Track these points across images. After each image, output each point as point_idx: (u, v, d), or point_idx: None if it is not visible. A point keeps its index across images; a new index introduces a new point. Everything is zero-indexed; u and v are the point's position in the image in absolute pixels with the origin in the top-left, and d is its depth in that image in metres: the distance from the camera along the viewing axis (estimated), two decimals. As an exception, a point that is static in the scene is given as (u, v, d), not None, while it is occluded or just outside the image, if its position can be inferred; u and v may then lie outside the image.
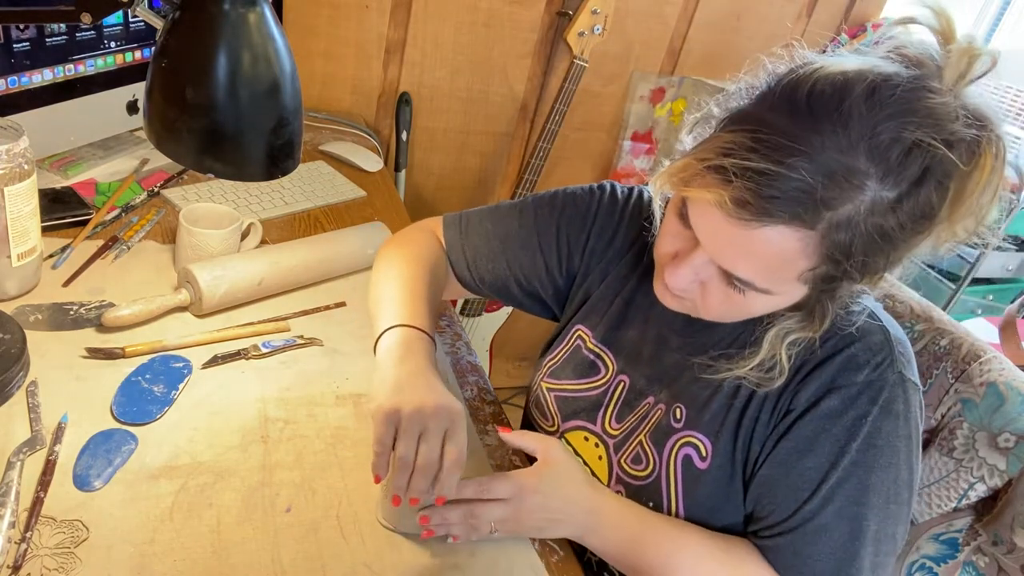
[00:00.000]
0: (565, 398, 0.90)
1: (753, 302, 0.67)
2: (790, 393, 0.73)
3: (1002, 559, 0.82)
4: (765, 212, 0.59)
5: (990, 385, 0.83)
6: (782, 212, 0.59)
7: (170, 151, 0.68)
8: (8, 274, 0.89)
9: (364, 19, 1.65)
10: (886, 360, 0.71)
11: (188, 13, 0.64)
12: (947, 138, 0.58)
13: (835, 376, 0.71)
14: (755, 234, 0.61)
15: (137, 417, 0.79)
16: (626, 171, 2.09)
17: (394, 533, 0.75)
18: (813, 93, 0.60)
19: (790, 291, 0.66)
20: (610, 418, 0.86)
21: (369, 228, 1.16)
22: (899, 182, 0.58)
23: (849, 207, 0.59)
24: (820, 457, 0.70)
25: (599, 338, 0.89)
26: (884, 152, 0.58)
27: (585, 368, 0.89)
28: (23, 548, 0.64)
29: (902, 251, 0.63)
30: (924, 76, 0.60)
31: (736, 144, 0.60)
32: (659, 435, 0.80)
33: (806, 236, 0.60)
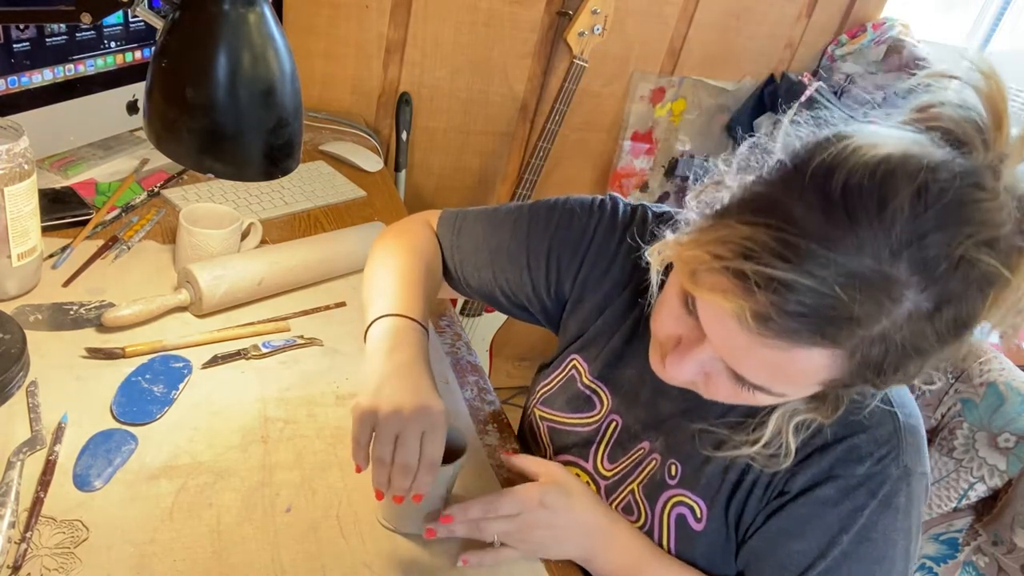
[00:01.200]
0: (557, 430, 0.87)
1: (763, 399, 0.62)
2: (787, 473, 0.69)
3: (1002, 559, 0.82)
4: (791, 331, 0.52)
5: (990, 385, 0.83)
6: (811, 332, 0.52)
7: (170, 151, 0.68)
8: (8, 274, 0.89)
9: (364, 19, 1.65)
10: (891, 453, 0.66)
11: (188, 13, 0.64)
12: (999, 247, 0.52)
13: (835, 464, 0.67)
14: (776, 352, 0.54)
15: (137, 417, 0.79)
16: (626, 171, 2.09)
17: (394, 533, 0.75)
18: (849, 187, 0.51)
19: (806, 392, 0.62)
20: (602, 457, 0.82)
21: (369, 228, 1.16)
22: (941, 293, 0.52)
23: (885, 322, 0.52)
24: (810, 543, 0.67)
25: (595, 373, 0.84)
26: (930, 265, 0.51)
27: (580, 402, 0.85)
28: (23, 548, 0.64)
29: (933, 360, 0.56)
30: (976, 171, 0.52)
31: (758, 245, 0.52)
32: (652, 488, 0.77)
33: (834, 354, 0.54)
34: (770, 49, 2.05)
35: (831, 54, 2.11)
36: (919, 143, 0.53)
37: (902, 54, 2.03)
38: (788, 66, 2.11)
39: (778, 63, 2.09)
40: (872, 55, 2.05)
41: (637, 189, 2.14)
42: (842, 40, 2.10)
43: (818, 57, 2.14)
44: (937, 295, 0.52)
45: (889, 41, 2.04)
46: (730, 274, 0.53)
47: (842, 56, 2.09)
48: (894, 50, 2.04)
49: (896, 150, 0.52)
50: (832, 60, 2.11)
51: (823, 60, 2.13)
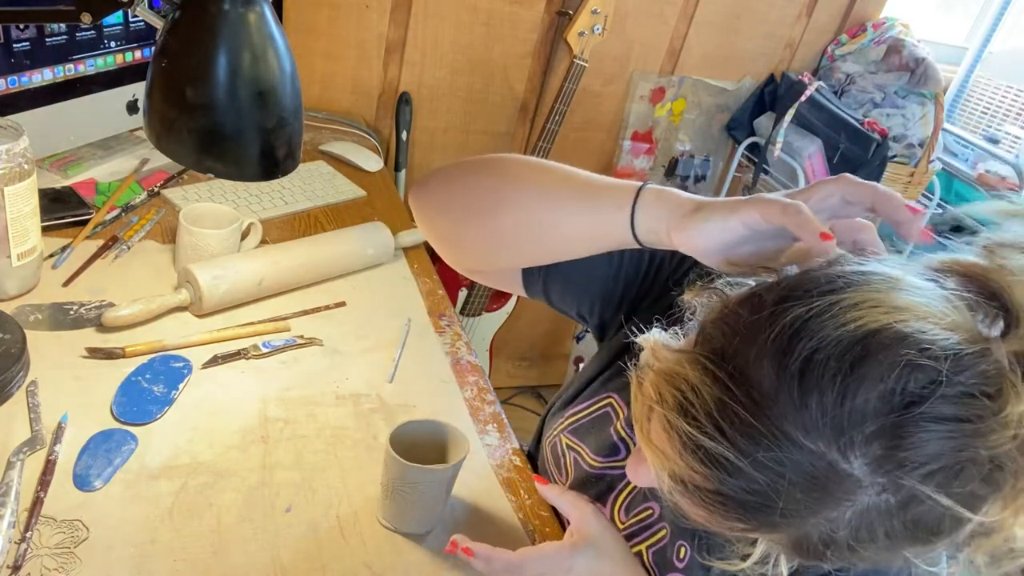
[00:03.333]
0: (581, 466, 0.81)
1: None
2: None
3: (1002, 559, 0.82)
4: (713, 505, 0.47)
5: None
6: (734, 514, 0.46)
7: (170, 151, 0.68)
8: (8, 274, 0.89)
9: (364, 19, 1.65)
10: None
11: (188, 13, 0.64)
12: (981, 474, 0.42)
13: None
14: (702, 513, 0.49)
15: (137, 417, 0.79)
16: (626, 171, 2.09)
17: (394, 533, 0.75)
18: (812, 362, 0.42)
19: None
20: (620, 507, 0.77)
21: (369, 228, 1.16)
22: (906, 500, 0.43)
23: (832, 515, 0.44)
24: None
25: (627, 421, 0.78)
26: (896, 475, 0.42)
27: (607, 448, 0.79)
28: (23, 548, 0.64)
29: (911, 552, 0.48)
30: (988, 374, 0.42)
31: (699, 402, 0.45)
32: (660, 560, 0.72)
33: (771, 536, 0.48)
34: (770, 49, 2.05)
35: (831, 54, 2.11)
36: (932, 316, 0.43)
37: (902, 54, 2.03)
38: (788, 66, 2.11)
39: (778, 63, 2.09)
40: (872, 55, 2.05)
41: (637, 189, 2.14)
42: (842, 40, 2.10)
43: (818, 57, 2.14)
44: (901, 501, 0.43)
45: (889, 41, 2.04)
46: (667, 423, 0.47)
47: (842, 56, 2.09)
48: (894, 50, 2.04)
49: (881, 323, 0.42)
50: (832, 60, 2.11)
51: (823, 60, 2.13)
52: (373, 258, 1.14)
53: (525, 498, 0.83)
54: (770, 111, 2.05)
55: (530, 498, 0.83)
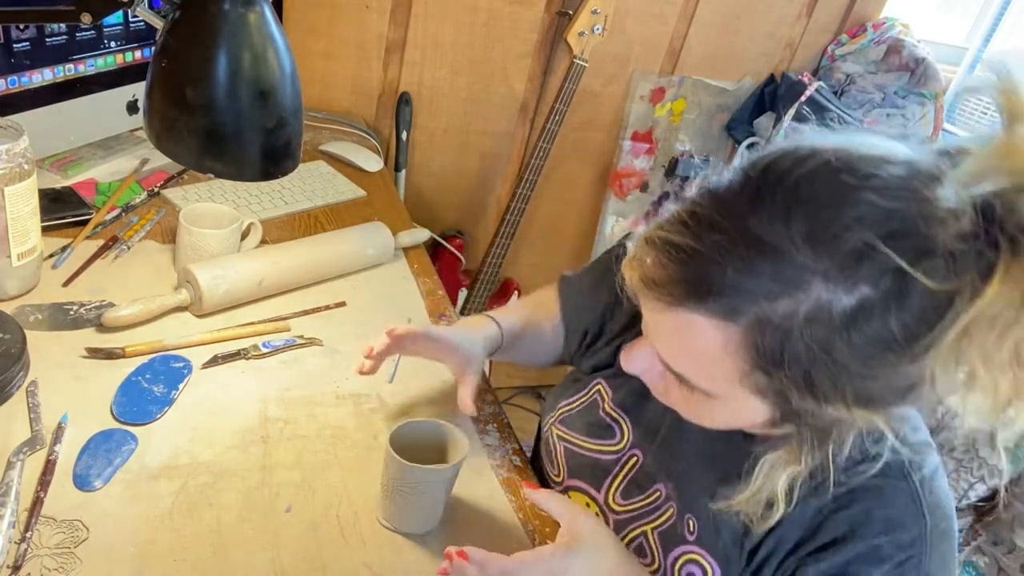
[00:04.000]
0: (574, 452, 0.84)
1: (712, 409, 0.60)
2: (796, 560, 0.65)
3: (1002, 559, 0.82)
4: (674, 295, 0.52)
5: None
6: (692, 297, 0.51)
7: (170, 151, 0.68)
8: (8, 274, 0.89)
9: (364, 19, 1.65)
10: (911, 559, 0.61)
11: (188, 13, 0.64)
12: (920, 244, 0.47)
13: (851, 561, 0.62)
14: (672, 318, 0.54)
15: (137, 417, 0.79)
16: (626, 171, 2.09)
17: (394, 533, 0.75)
18: (769, 168, 0.50)
19: (740, 400, 0.57)
20: (615, 491, 0.80)
21: (369, 228, 1.16)
22: (852, 289, 0.48)
23: (782, 305, 0.49)
24: None
25: (618, 402, 0.83)
26: (830, 247, 0.48)
27: (600, 429, 0.83)
28: (23, 548, 0.64)
29: (869, 382, 0.51)
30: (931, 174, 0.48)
31: (672, 217, 0.54)
32: (668, 539, 0.74)
33: (727, 329, 0.52)
34: (770, 49, 2.05)
35: (831, 54, 2.11)
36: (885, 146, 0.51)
37: (902, 54, 2.03)
38: (788, 66, 2.11)
39: (778, 63, 2.09)
40: (872, 55, 2.05)
41: (637, 189, 2.14)
42: (842, 40, 2.10)
43: (818, 57, 2.14)
44: (848, 291, 0.48)
45: (889, 41, 2.04)
46: (644, 244, 0.55)
47: (842, 56, 2.09)
48: (894, 50, 2.04)
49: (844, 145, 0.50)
50: (832, 60, 2.11)
51: (823, 60, 2.13)
52: (373, 258, 1.14)
53: (525, 498, 0.83)
54: (770, 111, 2.05)
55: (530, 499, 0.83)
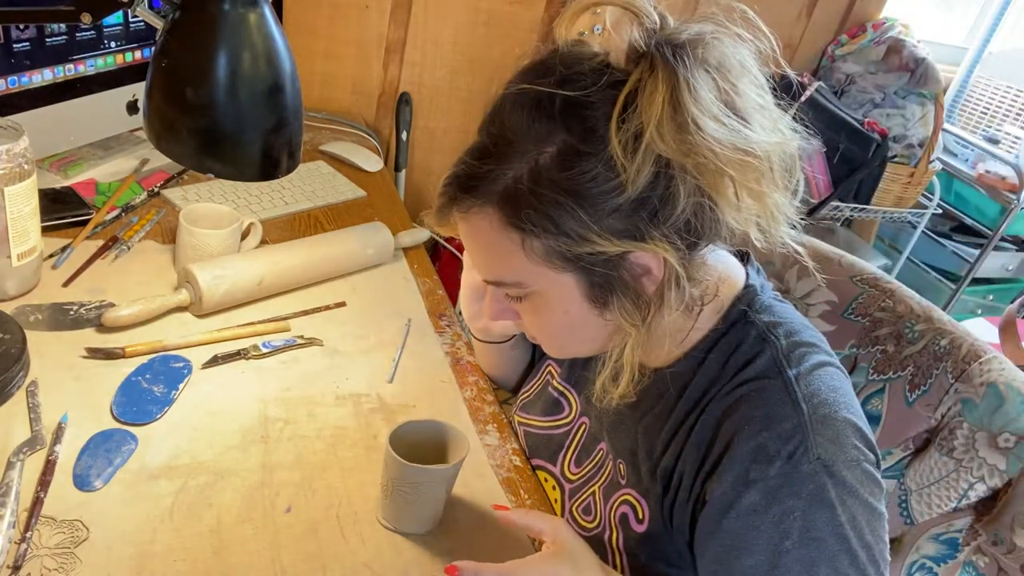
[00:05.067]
0: (532, 434, 0.90)
1: (544, 312, 0.68)
2: (702, 478, 0.68)
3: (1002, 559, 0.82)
4: (452, 202, 0.65)
5: (990, 385, 0.83)
6: (459, 193, 0.64)
7: (170, 151, 0.68)
8: (8, 274, 0.89)
9: (364, 19, 1.65)
10: (799, 448, 0.63)
11: (188, 13, 0.64)
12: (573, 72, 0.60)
13: (748, 468, 0.64)
14: (462, 226, 0.66)
15: (137, 417, 0.79)
16: (626, 171, 2.09)
17: (394, 533, 0.75)
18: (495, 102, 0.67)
19: (547, 280, 0.65)
20: (569, 461, 0.84)
21: (369, 228, 1.16)
22: (543, 142, 0.60)
23: (509, 175, 0.61)
24: (758, 556, 0.63)
25: (564, 376, 0.88)
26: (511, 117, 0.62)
27: (550, 406, 0.88)
28: (23, 548, 0.64)
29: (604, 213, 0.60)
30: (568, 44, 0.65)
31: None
32: (608, 490, 0.79)
33: (487, 213, 0.63)
34: (770, 49, 2.05)
35: (831, 54, 2.11)
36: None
37: (902, 54, 2.03)
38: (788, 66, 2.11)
39: (778, 63, 2.09)
40: (872, 55, 2.05)
41: (637, 189, 2.14)
42: (842, 40, 2.10)
43: (818, 57, 2.13)
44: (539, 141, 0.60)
45: (889, 41, 2.04)
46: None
47: (842, 56, 2.09)
48: (894, 50, 2.04)
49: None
50: (832, 60, 2.11)
51: (823, 60, 2.13)
52: (373, 258, 1.14)
53: (525, 498, 0.83)
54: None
55: (530, 498, 0.83)
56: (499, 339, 0.95)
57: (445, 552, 0.74)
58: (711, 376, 0.70)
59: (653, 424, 0.74)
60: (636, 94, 0.57)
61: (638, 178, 0.58)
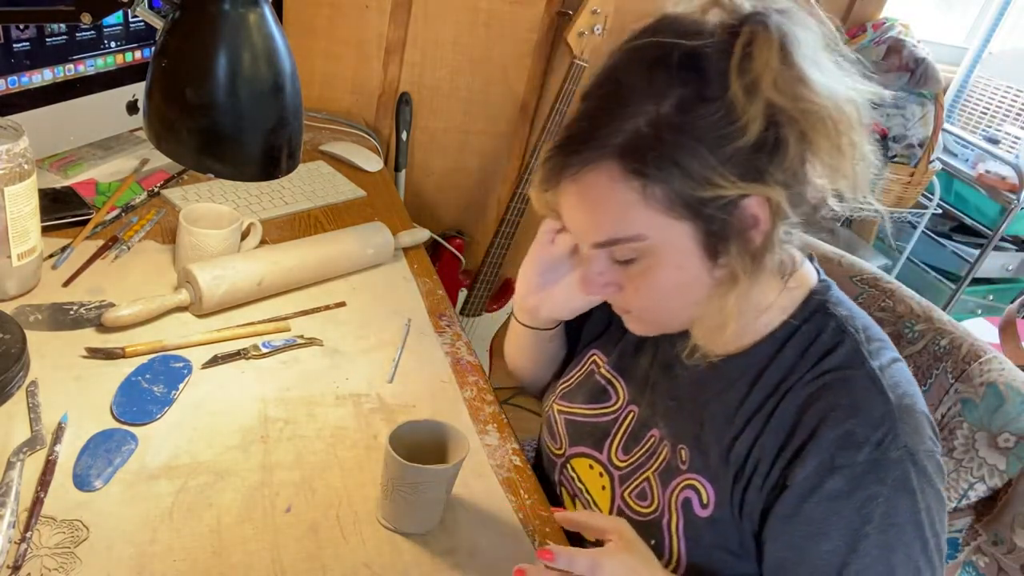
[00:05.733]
0: (575, 422, 0.89)
1: (657, 271, 0.68)
2: (784, 463, 0.69)
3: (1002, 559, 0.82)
4: (562, 167, 0.66)
5: (990, 385, 0.83)
6: (570, 155, 0.65)
7: (170, 151, 0.68)
8: (8, 274, 0.89)
9: (364, 19, 1.65)
10: (888, 436, 0.65)
11: (188, 13, 0.64)
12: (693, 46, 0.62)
13: (834, 455, 0.66)
14: (573, 188, 0.67)
15: (137, 417, 0.79)
16: (626, 171, 2.09)
17: (394, 533, 0.75)
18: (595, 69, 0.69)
19: (664, 231, 0.66)
20: (616, 449, 0.84)
21: (369, 228, 1.16)
22: (662, 95, 0.62)
23: (628, 128, 0.63)
24: (836, 541, 0.66)
25: (612, 364, 0.88)
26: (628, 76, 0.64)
27: (597, 393, 0.88)
28: (23, 548, 0.64)
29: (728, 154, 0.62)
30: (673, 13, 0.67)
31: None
32: (665, 475, 0.78)
33: (604, 165, 0.64)
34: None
35: (831, 54, 2.11)
36: None
37: (902, 54, 2.03)
38: (788, 66, 2.11)
39: (778, 63, 2.09)
40: (872, 55, 2.05)
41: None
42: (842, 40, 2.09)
43: (818, 57, 2.13)
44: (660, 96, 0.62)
45: (889, 41, 2.04)
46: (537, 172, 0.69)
47: (842, 56, 2.08)
48: (894, 50, 2.04)
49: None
50: (832, 60, 2.10)
51: (823, 60, 2.13)
52: (373, 258, 1.14)
53: (525, 498, 0.83)
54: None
55: (530, 498, 0.83)
56: (544, 325, 0.93)
57: (445, 552, 0.74)
58: (789, 364, 0.72)
59: (722, 410, 0.74)
60: (751, 44, 0.61)
61: (754, 123, 0.61)
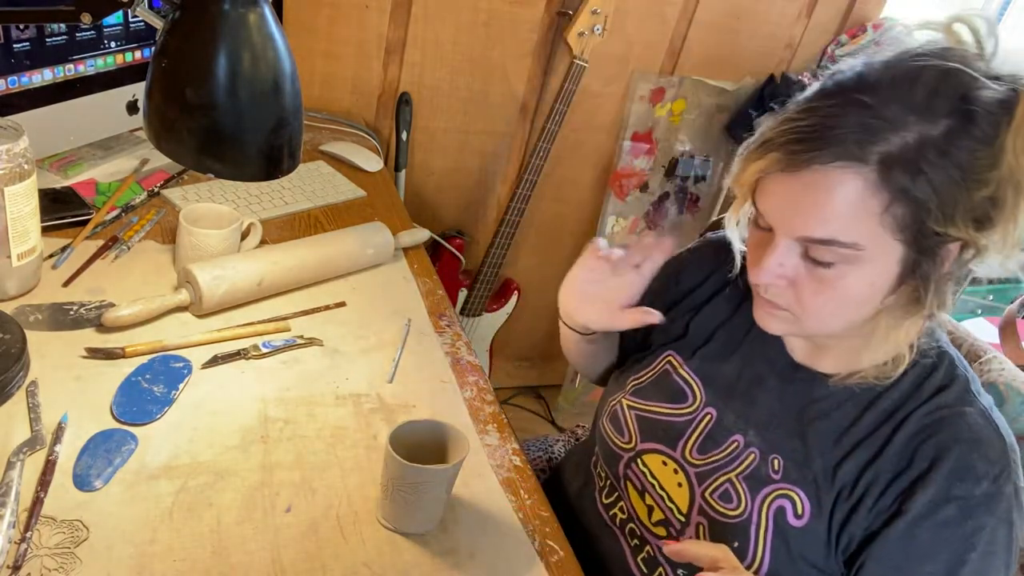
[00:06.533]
0: (646, 418, 0.88)
1: (848, 280, 0.67)
2: (897, 491, 0.71)
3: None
4: (812, 149, 0.63)
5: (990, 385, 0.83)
6: (828, 145, 0.63)
7: (170, 151, 0.68)
8: (8, 274, 0.89)
9: (364, 19, 1.65)
10: (1004, 472, 0.70)
11: (188, 13, 0.64)
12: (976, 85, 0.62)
13: (952, 485, 0.69)
14: (812, 177, 0.64)
15: (137, 417, 0.79)
16: (626, 171, 2.08)
17: (394, 533, 0.75)
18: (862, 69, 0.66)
19: (879, 247, 0.65)
20: (691, 448, 0.84)
21: (369, 228, 1.16)
22: (936, 118, 0.62)
23: (896, 140, 0.61)
24: (939, 564, 0.69)
25: (692, 367, 0.88)
26: (910, 89, 0.62)
27: (673, 393, 0.88)
28: (23, 548, 0.64)
29: (973, 199, 0.63)
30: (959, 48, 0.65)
31: (779, 121, 0.67)
32: (754, 481, 0.79)
33: (861, 169, 0.62)
34: (770, 49, 2.05)
35: (831, 54, 2.11)
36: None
37: (902, 54, 2.03)
38: (788, 66, 2.11)
39: (778, 63, 2.09)
40: (872, 55, 2.05)
41: (637, 189, 2.14)
42: (842, 40, 2.10)
43: (818, 57, 2.13)
44: (934, 119, 0.62)
45: (889, 41, 2.04)
46: (760, 148, 0.68)
47: (842, 56, 2.09)
48: (894, 50, 2.03)
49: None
50: (832, 60, 2.11)
51: (823, 60, 2.13)
52: (373, 258, 1.14)
53: (525, 498, 0.83)
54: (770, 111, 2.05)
55: (530, 498, 0.83)
56: (580, 329, 0.93)
57: (445, 552, 0.74)
58: (903, 395, 0.74)
59: (830, 428, 0.76)
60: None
61: (1003, 178, 0.63)
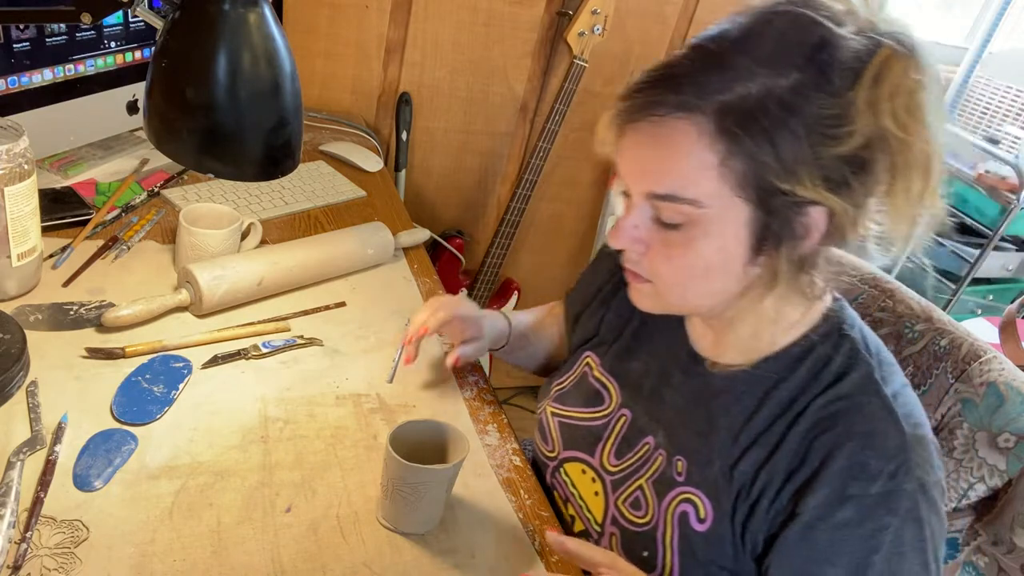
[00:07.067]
0: (568, 425, 0.88)
1: (698, 245, 0.65)
2: (792, 490, 0.68)
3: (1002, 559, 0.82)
4: (651, 97, 0.63)
5: (990, 385, 0.83)
6: (666, 94, 0.62)
7: (170, 151, 0.68)
8: (8, 274, 0.89)
9: (364, 19, 1.65)
10: (902, 468, 0.64)
11: (188, 13, 0.64)
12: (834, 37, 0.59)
13: (847, 484, 0.65)
14: (652, 130, 0.63)
15: (137, 417, 0.79)
16: (626, 171, 2.09)
17: (394, 533, 0.75)
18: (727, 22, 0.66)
19: (724, 206, 0.63)
20: (608, 453, 0.83)
21: (369, 228, 1.16)
22: (786, 70, 0.59)
23: (739, 90, 0.60)
24: (840, 568, 0.65)
25: (606, 367, 0.88)
26: (759, 40, 0.61)
27: (590, 396, 0.87)
28: (23, 548, 0.64)
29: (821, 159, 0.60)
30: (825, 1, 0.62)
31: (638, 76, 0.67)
32: (661, 485, 0.77)
33: (697, 120, 0.61)
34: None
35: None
36: None
37: (902, 54, 2.02)
38: (788, 66, 2.11)
39: (778, 63, 2.09)
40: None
41: (637, 189, 2.14)
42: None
43: (818, 57, 2.13)
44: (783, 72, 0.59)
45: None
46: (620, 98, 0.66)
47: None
48: (894, 50, 2.03)
49: None
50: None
51: (823, 60, 2.13)
52: (373, 258, 1.14)
53: (525, 498, 0.83)
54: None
55: (530, 498, 0.83)
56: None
57: (445, 552, 0.74)
58: (801, 384, 0.70)
59: (728, 424, 0.73)
60: (890, 62, 0.59)
61: (859, 136, 0.59)
